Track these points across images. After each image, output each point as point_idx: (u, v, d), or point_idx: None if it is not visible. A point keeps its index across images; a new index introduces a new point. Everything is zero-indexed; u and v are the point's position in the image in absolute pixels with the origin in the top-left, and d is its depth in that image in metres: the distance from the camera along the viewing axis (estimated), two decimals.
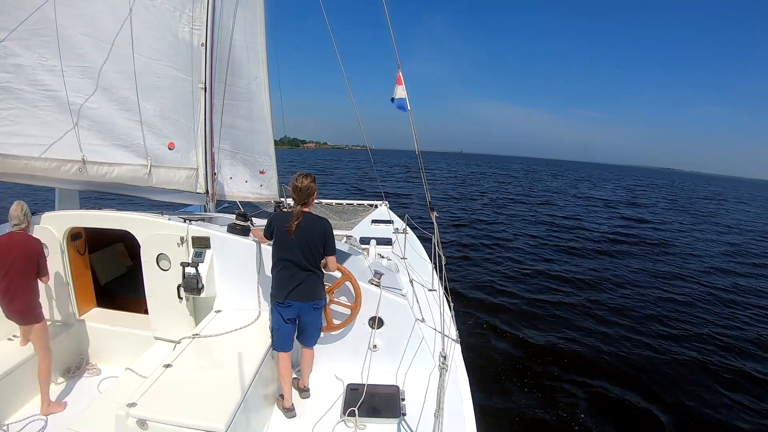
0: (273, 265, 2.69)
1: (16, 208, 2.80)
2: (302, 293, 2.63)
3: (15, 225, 2.78)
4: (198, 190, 4.51)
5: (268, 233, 2.72)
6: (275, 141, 5.50)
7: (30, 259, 2.73)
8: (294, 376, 2.88)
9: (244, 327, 2.94)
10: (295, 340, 2.80)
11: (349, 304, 3.02)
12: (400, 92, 3.42)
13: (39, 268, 2.78)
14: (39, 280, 2.83)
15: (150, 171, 3.93)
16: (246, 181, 5.50)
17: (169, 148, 4.13)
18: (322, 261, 2.72)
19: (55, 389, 2.99)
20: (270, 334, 2.79)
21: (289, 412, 2.65)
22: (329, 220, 2.83)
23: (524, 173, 63.47)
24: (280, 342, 2.68)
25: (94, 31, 3.44)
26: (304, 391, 2.85)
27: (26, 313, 2.76)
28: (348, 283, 2.98)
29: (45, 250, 2.92)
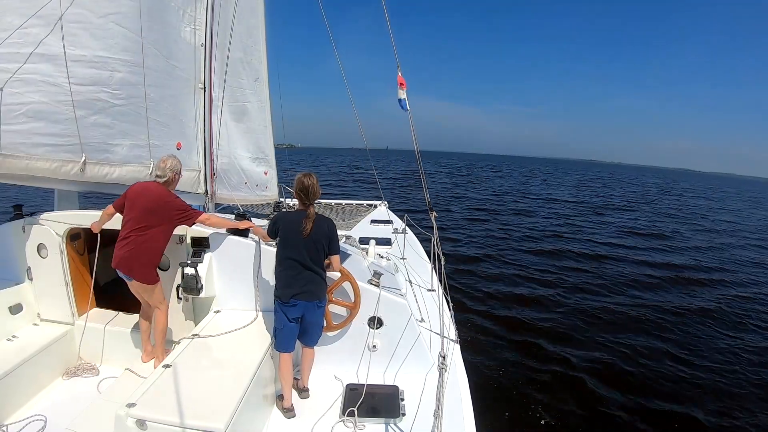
0: (277, 264, 2.70)
1: (164, 160, 2.81)
2: (307, 292, 2.64)
3: (157, 176, 2.80)
4: (198, 191, 4.51)
5: (273, 232, 2.72)
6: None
7: (149, 210, 2.69)
8: (294, 376, 2.89)
9: (243, 327, 2.94)
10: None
11: (348, 304, 3.02)
12: (401, 93, 3.46)
13: (168, 219, 2.72)
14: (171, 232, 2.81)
15: (152, 172, 3.92)
16: (257, 185, 5.52)
17: (177, 149, 4.13)
18: (326, 261, 2.73)
19: (54, 389, 2.99)
20: (272, 335, 2.80)
21: (289, 412, 2.65)
22: None
23: (467, 170, 59.93)
24: (283, 342, 2.69)
25: (105, 24, 3.31)
26: (303, 392, 2.86)
27: (132, 266, 2.75)
28: (347, 283, 2.98)
29: (170, 208, 2.78)
